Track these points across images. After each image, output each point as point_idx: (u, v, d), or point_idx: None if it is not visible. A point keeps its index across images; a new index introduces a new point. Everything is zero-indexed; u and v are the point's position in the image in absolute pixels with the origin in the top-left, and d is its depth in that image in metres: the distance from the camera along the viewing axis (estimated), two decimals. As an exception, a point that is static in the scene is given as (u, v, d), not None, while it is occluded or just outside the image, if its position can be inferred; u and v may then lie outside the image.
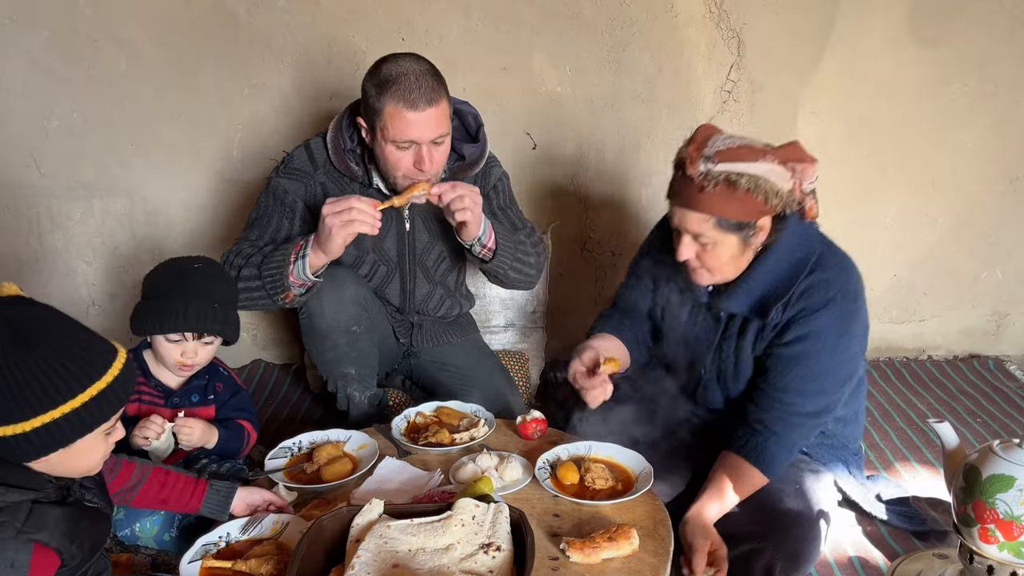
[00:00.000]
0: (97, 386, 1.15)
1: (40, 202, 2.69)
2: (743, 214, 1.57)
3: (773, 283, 1.67)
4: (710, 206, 1.56)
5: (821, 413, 1.69)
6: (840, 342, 1.65)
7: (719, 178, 1.53)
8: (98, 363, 1.16)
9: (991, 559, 1.44)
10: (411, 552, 1.31)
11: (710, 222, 1.58)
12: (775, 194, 1.56)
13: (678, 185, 1.62)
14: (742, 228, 1.60)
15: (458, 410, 1.98)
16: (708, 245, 1.62)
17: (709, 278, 1.70)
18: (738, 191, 1.54)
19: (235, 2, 2.53)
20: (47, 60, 2.54)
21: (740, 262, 1.68)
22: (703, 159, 1.54)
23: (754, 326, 1.72)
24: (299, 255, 1.85)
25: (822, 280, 1.64)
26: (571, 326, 2.97)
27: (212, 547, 1.45)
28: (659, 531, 1.51)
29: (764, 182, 1.54)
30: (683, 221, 1.62)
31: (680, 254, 1.65)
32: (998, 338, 3.04)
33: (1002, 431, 2.41)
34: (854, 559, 1.78)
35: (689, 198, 1.58)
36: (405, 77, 1.78)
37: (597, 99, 2.69)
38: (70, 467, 1.20)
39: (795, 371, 1.65)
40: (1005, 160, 2.81)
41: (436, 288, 2.20)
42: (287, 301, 1.91)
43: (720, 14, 2.60)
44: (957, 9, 2.63)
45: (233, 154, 2.69)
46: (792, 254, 1.66)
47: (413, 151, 1.85)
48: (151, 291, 1.76)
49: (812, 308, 1.63)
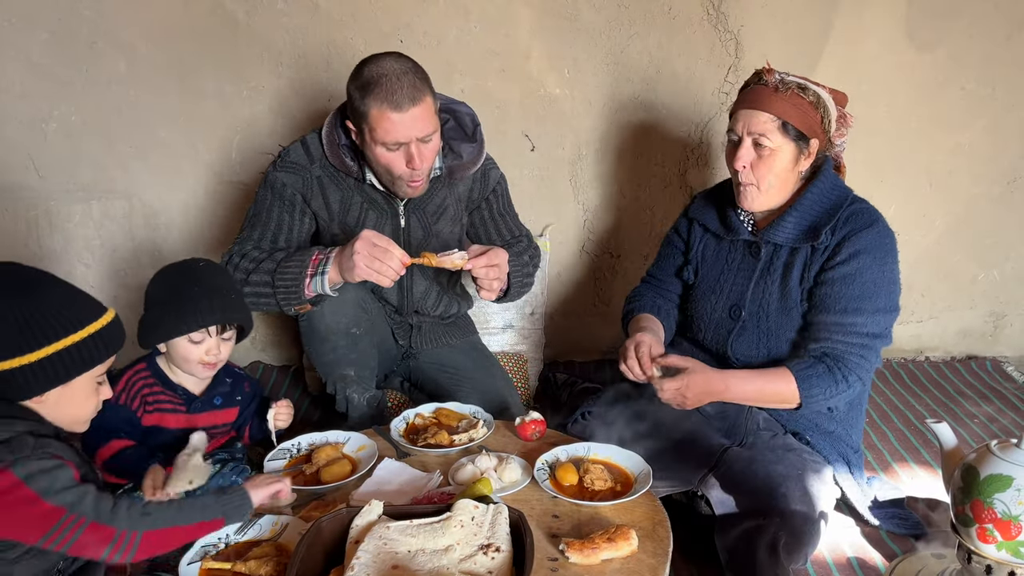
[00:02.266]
0: (95, 325, 1.30)
1: (39, 204, 2.69)
2: (805, 125, 1.74)
3: (819, 212, 1.79)
4: (780, 107, 1.73)
5: (881, 336, 1.76)
6: (888, 259, 1.77)
7: (792, 85, 1.74)
8: (93, 308, 1.33)
9: (989, 559, 1.44)
10: (410, 553, 1.31)
11: (776, 123, 1.74)
12: (829, 119, 1.77)
13: (750, 94, 1.78)
14: (799, 140, 1.76)
15: (457, 411, 1.98)
16: (766, 152, 1.75)
17: (757, 197, 1.81)
18: (805, 100, 1.74)
19: (234, 4, 2.53)
20: (46, 62, 2.54)
21: (787, 184, 1.81)
22: (778, 72, 1.75)
23: (801, 256, 1.81)
24: (318, 271, 1.84)
25: (864, 207, 1.81)
26: (569, 327, 2.98)
27: (211, 548, 1.45)
28: (658, 532, 1.51)
29: (825, 101, 1.76)
30: (749, 122, 1.76)
31: (738, 159, 1.78)
32: (995, 339, 3.04)
33: (1000, 432, 2.41)
34: (852, 560, 1.78)
35: (761, 99, 1.75)
36: (387, 78, 1.79)
37: (595, 101, 2.70)
38: (63, 412, 1.32)
39: (850, 290, 1.74)
40: (1002, 162, 2.82)
41: (433, 285, 2.20)
42: (301, 312, 1.93)
43: (718, 16, 2.61)
44: (954, 12, 2.63)
45: (232, 156, 2.70)
46: (831, 192, 1.81)
47: (403, 151, 1.86)
48: (161, 297, 1.73)
49: (859, 227, 1.76)
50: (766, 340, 1.86)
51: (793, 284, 1.82)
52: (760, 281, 1.87)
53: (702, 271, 2.00)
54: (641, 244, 2.87)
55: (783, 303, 1.83)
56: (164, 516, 1.28)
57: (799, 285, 1.82)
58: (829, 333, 1.76)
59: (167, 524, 1.28)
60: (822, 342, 1.76)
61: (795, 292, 1.82)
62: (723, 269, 1.95)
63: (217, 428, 1.88)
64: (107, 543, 1.22)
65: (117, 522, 1.23)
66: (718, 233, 1.96)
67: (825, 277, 1.77)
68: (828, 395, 1.74)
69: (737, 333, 1.89)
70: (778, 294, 1.84)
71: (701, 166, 2.78)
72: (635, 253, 2.88)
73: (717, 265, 1.96)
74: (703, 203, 2.02)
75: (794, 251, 1.83)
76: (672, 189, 2.81)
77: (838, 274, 1.75)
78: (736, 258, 1.93)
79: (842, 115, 1.80)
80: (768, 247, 1.86)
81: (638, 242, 2.87)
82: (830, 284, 1.76)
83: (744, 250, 1.91)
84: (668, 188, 2.80)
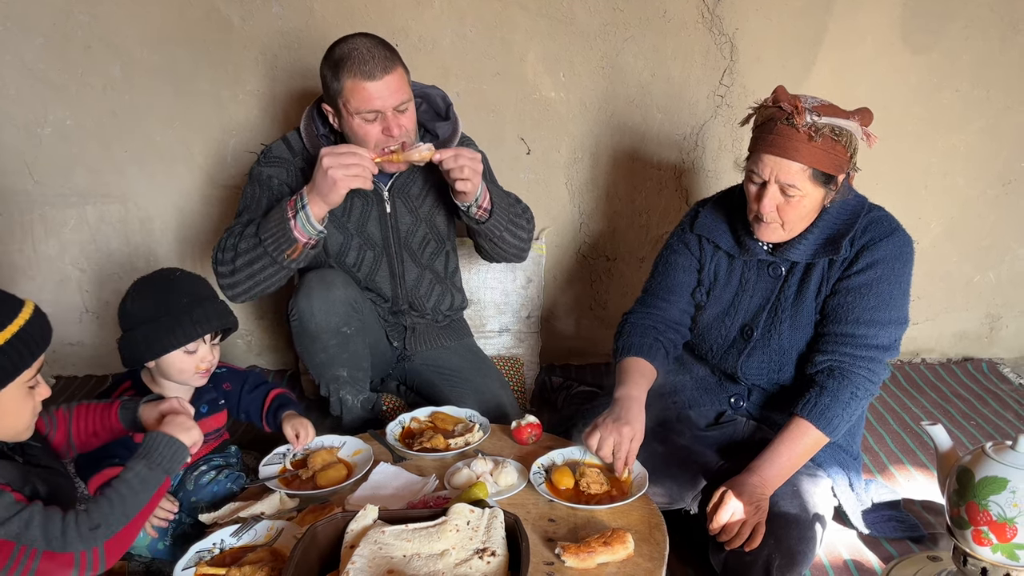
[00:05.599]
0: (13, 327, 1.17)
1: (34, 209, 2.69)
2: (835, 167, 1.65)
3: (837, 225, 1.74)
4: (812, 157, 1.61)
5: (889, 348, 1.72)
6: (905, 270, 1.73)
7: (824, 130, 1.61)
8: (6, 306, 1.20)
9: (985, 561, 1.44)
10: (406, 558, 1.31)
11: (807, 173, 1.63)
12: (855, 148, 1.68)
13: (778, 138, 1.63)
14: (828, 182, 1.67)
15: (453, 415, 1.98)
16: (795, 199, 1.66)
17: (778, 233, 1.74)
18: (838, 145, 1.63)
19: (229, 8, 2.53)
20: (41, 66, 2.54)
21: (811, 218, 1.74)
22: (808, 111, 1.61)
23: (818, 270, 1.76)
24: (297, 208, 1.83)
25: (882, 215, 1.76)
26: (566, 331, 2.98)
27: (206, 554, 1.44)
28: (654, 535, 1.51)
29: (854, 139, 1.66)
30: (779, 171, 1.64)
31: (764, 205, 1.67)
32: (991, 341, 3.05)
33: (995, 433, 2.42)
34: (849, 562, 1.78)
35: (791, 148, 1.62)
36: (357, 51, 1.85)
37: (591, 104, 2.70)
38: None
39: (865, 300, 1.70)
40: (997, 164, 2.83)
41: (425, 272, 2.20)
42: (294, 258, 1.87)
43: (713, 19, 2.61)
44: (949, 14, 2.64)
45: (227, 160, 2.70)
46: (848, 203, 1.76)
47: (379, 121, 1.89)
48: (146, 314, 1.69)
49: (879, 236, 1.72)
50: (777, 358, 1.81)
51: (808, 298, 1.77)
52: (776, 300, 1.81)
53: (715, 292, 1.91)
54: (637, 247, 2.87)
55: (796, 319, 1.78)
56: (114, 518, 1.22)
57: (815, 299, 1.76)
58: (836, 345, 1.71)
59: (122, 524, 1.23)
60: (828, 355, 1.71)
61: (809, 306, 1.77)
62: (737, 291, 1.87)
63: (209, 435, 1.88)
64: (70, 567, 1.18)
65: (71, 546, 1.17)
66: (731, 252, 1.87)
67: (841, 287, 1.73)
68: (847, 415, 1.68)
69: (748, 353, 1.83)
70: (791, 310, 1.79)
71: (697, 169, 2.79)
72: (631, 256, 2.88)
73: (731, 286, 1.88)
74: (710, 218, 1.90)
75: (811, 265, 1.77)
76: (668, 192, 2.81)
77: (854, 284, 1.71)
78: (751, 278, 1.85)
79: (867, 134, 1.69)
80: (786, 264, 1.80)
81: (634, 245, 2.87)
82: (844, 294, 1.72)
83: (760, 269, 1.84)
84: (664, 191, 2.81)
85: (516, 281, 2.64)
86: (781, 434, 1.69)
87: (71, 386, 2.78)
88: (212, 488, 1.75)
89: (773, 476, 1.65)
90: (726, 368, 1.89)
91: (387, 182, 2.10)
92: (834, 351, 1.71)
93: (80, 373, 2.87)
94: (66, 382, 2.81)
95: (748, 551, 1.55)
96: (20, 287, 2.71)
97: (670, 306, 1.95)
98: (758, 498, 1.60)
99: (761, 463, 1.66)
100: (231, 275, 1.91)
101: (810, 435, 1.67)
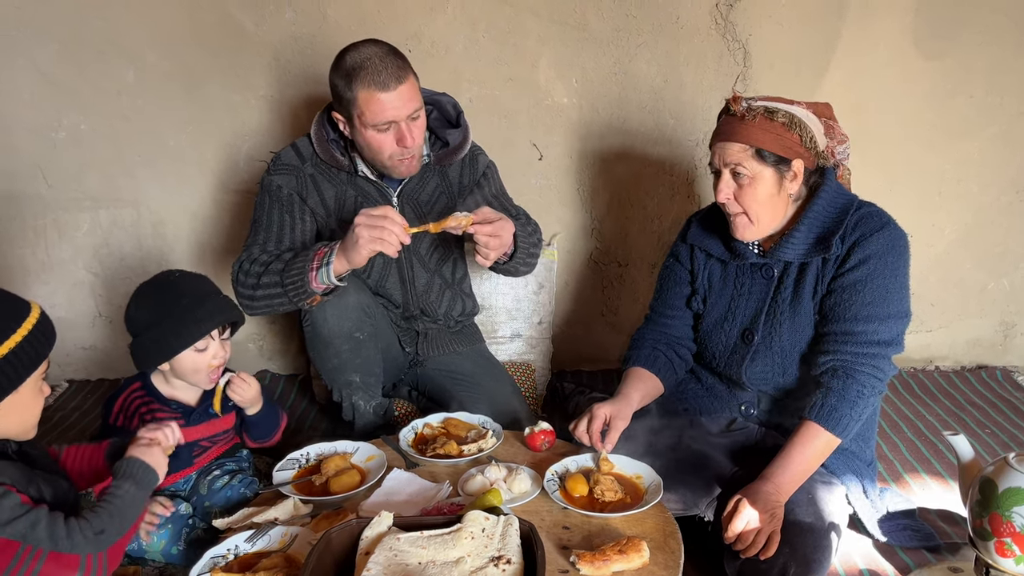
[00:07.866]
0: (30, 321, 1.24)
1: (47, 213, 2.70)
2: (780, 148, 1.69)
3: (826, 222, 1.76)
4: (749, 135, 1.69)
5: (892, 343, 1.71)
6: (900, 263, 1.73)
7: (759, 110, 1.69)
8: (21, 305, 1.26)
9: (1008, 573, 1.42)
10: (421, 565, 1.30)
11: (749, 151, 1.70)
12: (809, 138, 1.71)
13: (721, 126, 1.75)
14: (779, 164, 1.71)
15: (465, 421, 1.97)
16: (745, 181, 1.71)
17: (749, 227, 1.77)
18: (775, 123, 1.68)
19: (242, 14, 2.54)
20: (55, 71, 2.55)
21: (777, 207, 1.76)
22: (744, 99, 1.72)
23: (813, 268, 1.77)
24: (323, 262, 1.84)
25: (872, 210, 1.77)
26: (577, 337, 2.97)
27: (220, 560, 1.44)
28: (669, 544, 1.50)
29: (799, 121, 1.70)
30: (723, 154, 1.73)
31: (719, 192, 1.75)
32: (1005, 349, 3.03)
33: (1011, 442, 2.39)
34: (864, 572, 1.76)
35: (730, 130, 1.71)
36: (370, 61, 1.84)
37: (603, 110, 2.70)
38: (12, 422, 1.26)
39: (862, 296, 1.70)
40: (1011, 171, 2.81)
41: (434, 278, 2.20)
42: (314, 304, 1.94)
43: (726, 25, 2.61)
44: (962, 21, 2.63)
45: (240, 165, 2.70)
46: (836, 200, 1.77)
47: (393, 130, 1.89)
48: (151, 318, 1.70)
49: (870, 231, 1.72)
50: (780, 360, 1.81)
51: (805, 299, 1.77)
52: (772, 302, 1.82)
53: (711, 299, 1.93)
54: (649, 253, 2.86)
55: (795, 321, 1.79)
56: (115, 526, 1.26)
57: (812, 299, 1.77)
58: (838, 344, 1.71)
59: (120, 533, 1.27)
60: (831, 355, 1.71)
61: (807, 306, 1.78)
62: (733, 295, 1.88)
63: (218, 436, 1.88)
64: (75, 570, 1.19)
65: (77, 548, 1.19)
66: (723, 258, 1.90)
67: (836, 285, 1.73)
68: (856, 415, 1.67)
69: (751, 358, 1.84)
70: (790, 312, 1.79)
71: (709, 175, 2.77)
72: (643, 262, 2.87)
73: (726, 292, 1.90)
74: (701, 228, 1.95)
75: (804, 265, 1.78)
76: (680, 198, 2.80)
77: (848, 280, 1.71)
78: (745, 282, 1.87)
79: (828, 126, 1.75)
80: (779, 266, 1.82)
81: (646, 251, 2.87)
82: (840, 292, 1.72)
83: (754, 273, 1.86)
84: (676, 197, 2.80)
85: (528, 287, 2.64)
86: (792, 439, 1.68)
87: (84, 390, 2.78)
88: (226, 493, 1.75)
89: (787, 482, 1.64)
90: (731, 375, 1.89)
91: (396, 188, 2.09)
92: (836, 350, 1.71)
93: (93, 377, 2.87)
94: (79, 386, 2.81)
95: (763, 559, 1.54)
96: (33, 291, 2.72)
97: (674, 321, 2.00)
98: (773, 506, 1.59)
99: (774, 469, 1.65)
100: (250, 299, 1.95)
101: (821, 438, 1.67)
